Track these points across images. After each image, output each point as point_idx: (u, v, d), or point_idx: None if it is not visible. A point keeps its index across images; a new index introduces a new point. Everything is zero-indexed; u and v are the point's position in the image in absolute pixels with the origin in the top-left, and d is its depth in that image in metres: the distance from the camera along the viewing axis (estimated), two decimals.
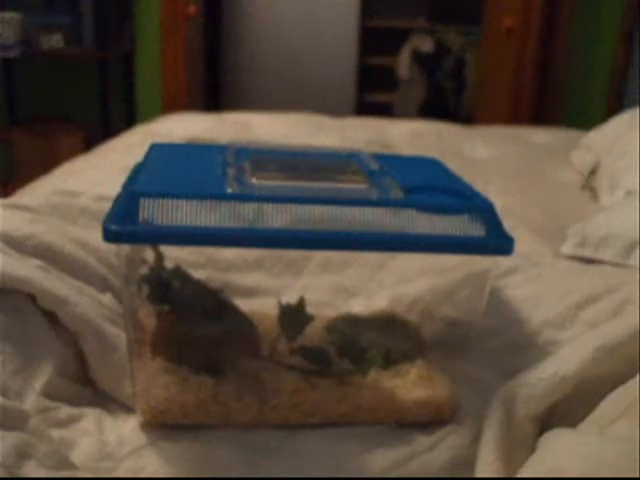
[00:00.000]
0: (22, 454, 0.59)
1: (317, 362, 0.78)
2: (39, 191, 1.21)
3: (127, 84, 3.15)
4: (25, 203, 1.02)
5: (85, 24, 2.86)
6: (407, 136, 1.95)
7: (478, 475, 0.64)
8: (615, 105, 2.59)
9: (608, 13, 2.79)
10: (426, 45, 3.94)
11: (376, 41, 3.95)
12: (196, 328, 0.76)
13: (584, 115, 2.85)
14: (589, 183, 1.58)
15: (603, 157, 1.58)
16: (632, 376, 0.69)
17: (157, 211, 0.65)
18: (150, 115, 2.47)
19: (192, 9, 3.08)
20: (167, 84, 3.13)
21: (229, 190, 0.69)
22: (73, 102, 3.18)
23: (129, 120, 3.06)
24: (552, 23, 2.92)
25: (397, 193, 0.73)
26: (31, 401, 0.70)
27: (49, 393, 0.72)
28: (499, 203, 0.77)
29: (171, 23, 3.05)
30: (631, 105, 2.13)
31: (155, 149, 0.87)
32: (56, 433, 0.68)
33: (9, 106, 3.14)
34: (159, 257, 0.77)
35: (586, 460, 0.56)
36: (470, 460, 0.68)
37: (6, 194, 1.32)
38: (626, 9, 2.62)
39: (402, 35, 3.97)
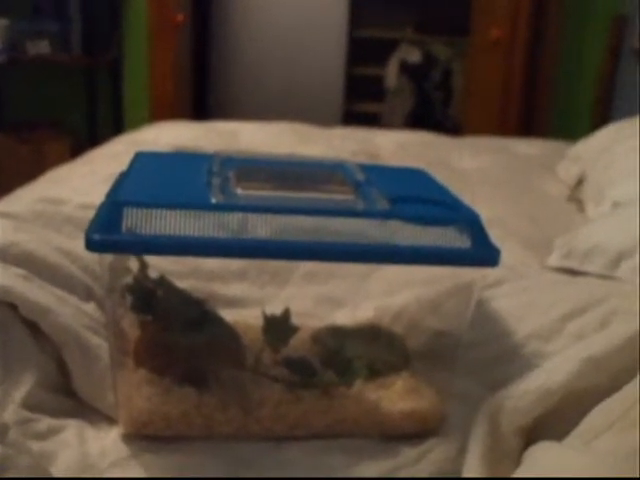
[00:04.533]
0: (0, 467, 0.58)
1: (302, 373, 0.77)
2: (24, 198, 1.19)
3: (115, 91, 3.14)
4: (9, 210, 1.02)
5: (73, 31, 2.86)
6: (394, 146, 1.95)
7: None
8: (602, 117, 2.61)
9: (595, 24, 2.81)
10: (414, 56, 3.95)
11: (364, 51, 3.97)
12: (180, 338, 0.76)
13: (571, 126, 2.87)
14: (576, 195, 1.59)
15: (589, 169, 1.59)
16: (618, 389, 0.69)
17: (140, 221, 0.64)
18: (137, 122, 2.47)
19: (180, 17, 3.08)
20: (155, 91, 3.13)
21: (214, 200, 0.68)
22: (60, 109, 3.17)
23: (116, 127, 3.05)
24: (539, 34, 2.94)
25: (383, 204, 0.72)
26: (10, 412, 0.69)
27: (29, 404, 0.71)
28: (486, 214, 0.76)
29: (159, 31, 3.05)
30: (618, 117, 2.14)
31: (139, 158, 0.86)
32: (36, 445, 0.67)
33: None
34: (143, 266, 0.76)
35: (572, 473, 0.55)
36: (456, 472, 0.67)
37: None
38: (613, 21, 2.64)
39: (390, 45, 3.99)
